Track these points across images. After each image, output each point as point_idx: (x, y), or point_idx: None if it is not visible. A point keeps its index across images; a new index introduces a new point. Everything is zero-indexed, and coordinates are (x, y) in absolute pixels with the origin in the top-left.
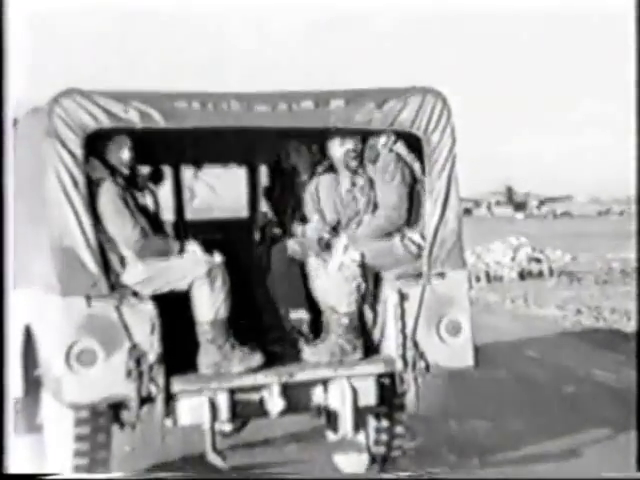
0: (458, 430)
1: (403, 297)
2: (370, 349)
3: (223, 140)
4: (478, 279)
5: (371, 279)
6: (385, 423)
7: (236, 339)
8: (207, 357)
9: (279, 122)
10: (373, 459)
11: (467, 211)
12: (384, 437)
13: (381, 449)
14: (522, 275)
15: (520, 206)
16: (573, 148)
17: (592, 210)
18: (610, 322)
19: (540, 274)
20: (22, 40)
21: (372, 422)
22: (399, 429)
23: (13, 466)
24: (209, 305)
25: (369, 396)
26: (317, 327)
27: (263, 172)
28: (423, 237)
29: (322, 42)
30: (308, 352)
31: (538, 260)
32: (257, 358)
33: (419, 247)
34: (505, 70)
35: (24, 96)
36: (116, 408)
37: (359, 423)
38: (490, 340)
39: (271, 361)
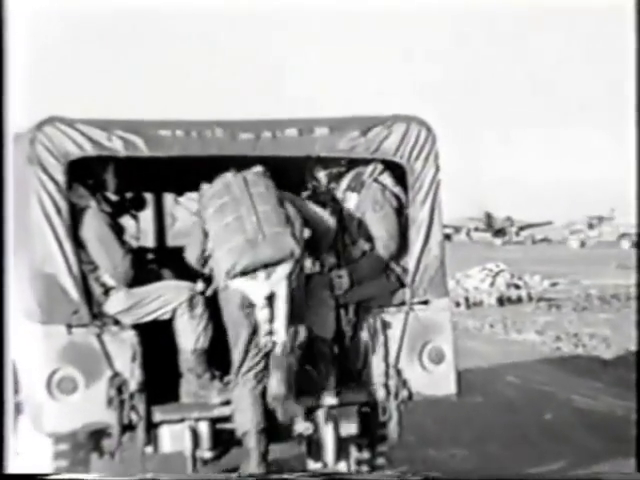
0: (437, 458)
1: (385, 325)
2: (352, 378)
3: (204, 165)
4: (457, 304)
5: (353, 307)
6: (367, 454)
7: (219, 370)
8: (187, 386)
9: (263, 150)
10: None
11: (447, 237)
12: (365, 469)
13: None
14: (501, 301)
15: (499, 232)
16: (555, 170)
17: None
18: (589, 349)
19: (519, 300)
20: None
21: (354, 453)
22: (380, 461)
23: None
24: (190, 333)
25: (350, 425)
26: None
27: None
28: (405, 270)
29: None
30: None
31: (517, 286)
32: None
33: (400, 280)
34: (485, 85)
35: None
36: (96, 436)
37: (340, 453)
38: (469, 365)
39: None
